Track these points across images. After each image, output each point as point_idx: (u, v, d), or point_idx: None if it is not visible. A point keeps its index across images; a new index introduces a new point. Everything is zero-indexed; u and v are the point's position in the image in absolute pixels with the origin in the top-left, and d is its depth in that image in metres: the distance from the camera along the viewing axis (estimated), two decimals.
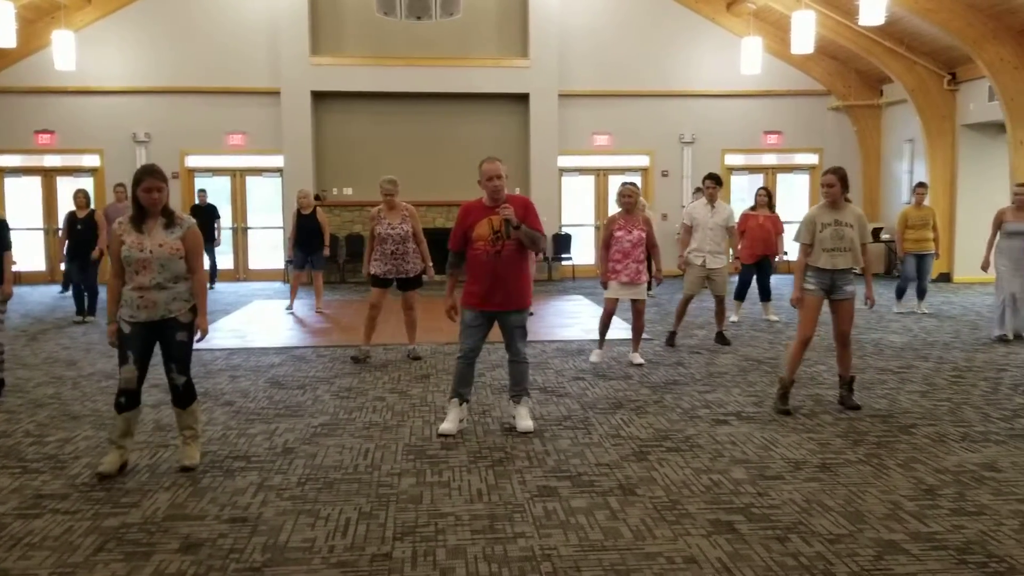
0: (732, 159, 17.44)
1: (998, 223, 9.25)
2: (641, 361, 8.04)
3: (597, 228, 17.24)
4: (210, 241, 14.90)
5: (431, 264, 8.52)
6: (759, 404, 6.47)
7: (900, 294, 11.58)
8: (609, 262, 7.90)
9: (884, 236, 16.33)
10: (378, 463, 5.08)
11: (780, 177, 17.81)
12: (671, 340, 9.08)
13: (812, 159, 17.60)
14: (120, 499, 4.45)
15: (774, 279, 11.28)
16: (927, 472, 4.85)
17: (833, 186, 6.22)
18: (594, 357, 8.12)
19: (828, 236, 6.15)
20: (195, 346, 5.12)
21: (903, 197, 16.26)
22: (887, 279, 15.68)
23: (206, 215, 14.89)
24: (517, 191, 16.70)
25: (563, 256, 16.73)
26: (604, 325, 8.16)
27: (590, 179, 17.42)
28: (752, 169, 17.68)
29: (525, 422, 5.75)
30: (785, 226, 11.08)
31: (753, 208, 10.91)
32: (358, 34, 16.25)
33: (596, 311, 11.58)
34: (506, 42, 16.56)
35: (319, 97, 16.30)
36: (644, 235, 7.88)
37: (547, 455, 5.21)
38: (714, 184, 9.26)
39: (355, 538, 3.95)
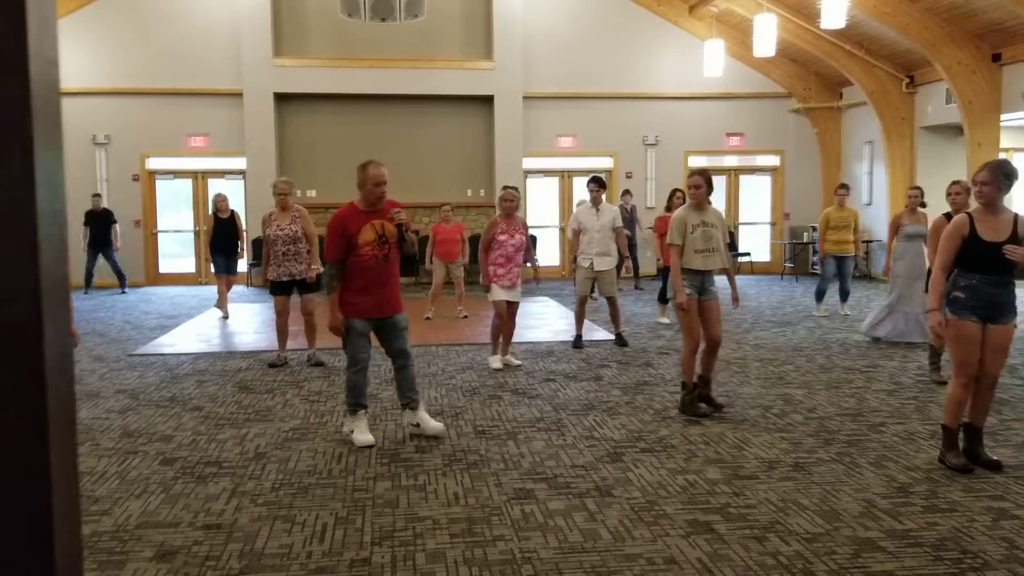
0: (695, 161, 17.56)
1: (895, 227, 9.23)
2: (500, 366, 7.95)
3: (562, 230, 17.27)
4: (107, 246, 14.68)
5: (316, 267, 8.17)
6: (730, 404, 6.51)
7: (820, 296, 11.44)
8: (491, 265, 7.85)
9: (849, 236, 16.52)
10: (352, 467, 5.04)
11: (743, 179, 18.00)
12: (578, 343, 9.07)
13: (774, 161, 17.80)
14: (90, 507, 4.36)
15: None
16: (898, 470, 4.91)
17: (700, 187, 6.23)
18: (496, 363, 7.96)
19: (699, 237, 6.19)
20: (161, 351, 5.02)
21: (863, 198, 16.53)
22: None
23: (101, 220, 14.65)
24: (482, 193, 16.72)
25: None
26: (498, 330, 8.02)
27: (555, 181, 17.45)
28: (715, 171, 17.80)
29: (435, 424, 5.63)
30: None
31: (668, 209, 10.80)
32: (321, 35, 16.13)
33: (563, 312, 11.61)
34: (470, 44, 16.54)
35: (282, 99, 16.14)
36: (524, 239, 7.93)
37: (522, 457, 5.20)
38: (598, 188, 9.33)
39: (333, 543, 3.91)
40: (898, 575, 3.52)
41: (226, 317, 11.66)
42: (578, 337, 9.16)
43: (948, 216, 6.95)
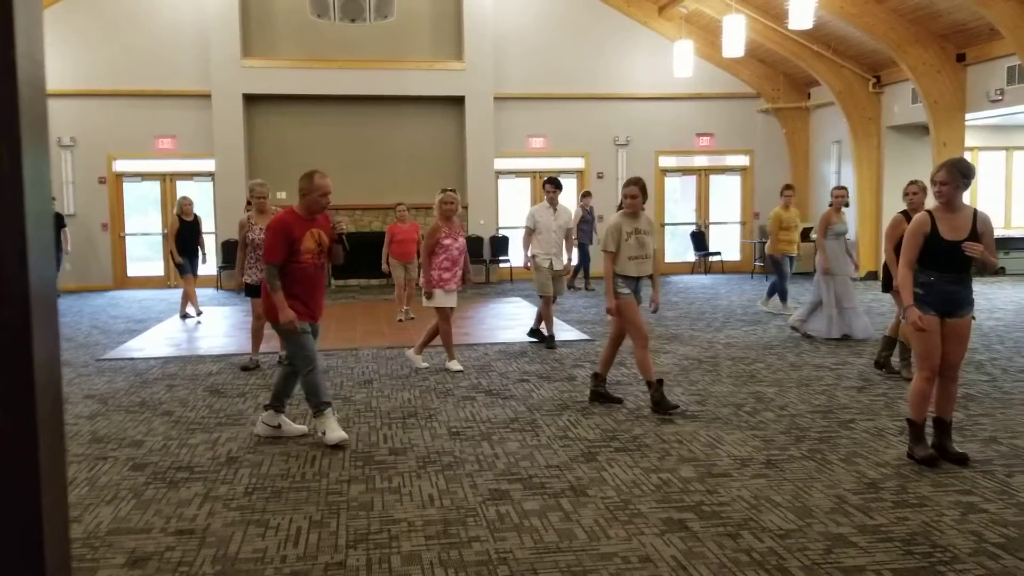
0: (665, 161, 17.68)
1: (825, 227, 9.35)
2: (460, 368, 7.90)
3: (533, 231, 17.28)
4: (57, 249, 14.52)
5: None
6: (702, 403, 6.56)
7: (784, 296, 11.47)
8: (435, 270, 7.81)
9: (813, 236, 16.70)
10: (326, 470, 5.01)
11: (713, 178, 18.12)
12: (551, 343, 9.10)
13: (743, 160, 17.94)
14: None
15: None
16: (868, 466, 4.97)
17: (636, 197, 6.31)
18: (456, 366, 7.89)
19: (633, 244, 6.29)
20: (130, 355, 4.97)
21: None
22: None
23: (54, 224, 14.45)
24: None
25: (501, 259, 16.75)
26: (449, 334, 7.95)
27: (526, 181, 17.47)
28: (685, 171, 17.95)
29: (340, 432, 5.53)
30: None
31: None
32: (291, 36, 16.03)
33: (530, 311, 11.60)
34: (441, 45, 16.51)
35: (251, 100, 16.02)
36: (465, 243, 7.99)
37: (496, 458, 5.20)
38: (554, 188, 9.41)
39: (307, 547, 3.88)
40: (870, 570, 3.56)
41: (199, 314, 11.65)
42: (550, 337, 9.17)
43: (905, 214, 6.96)
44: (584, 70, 17.03)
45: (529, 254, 9.37)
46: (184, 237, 11.49)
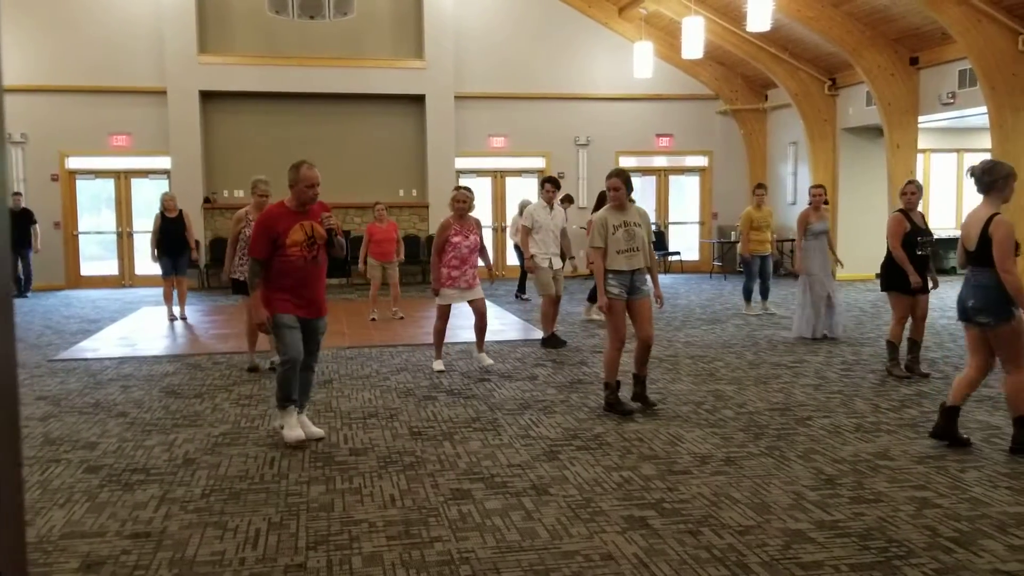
0: (626, 161, 17.76)
1: (804, 226, 9.46)
2: (490, 362, 7.95)
3: (495, 230, 17.30)
4: (26, 247, 14.26)
5: None
6: (662, 401, 6.59)
7: (748, 295, 11.53)
8: (445, 268, 7.77)
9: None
10: (285, 471, 4.96)
11: (672, 179, 18.26)
12: (556, 342, 9.09)
13: (702, 161, 18.10)
14: None
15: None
16: (826, 462, 5.03)
17: (619, 189, 6.27)
18: (439, 365, 7.88)
19: (621, 237, 6.19)
20: (84, 356, 4.87)
21: (787, 198, 16.93)
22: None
23: (22, 220, 14.20)
24: (414, 193, 16.64)
25: None
26: (441, 333, 7.97)
27: (487, 181, 17.45)
28: (645, 171, 18.06)
29: (299, 432, 5.51)
30: None
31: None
32: (248, 33, 15.85)
33: (497, 311, 11.61)
34: (401, 43, 16.44)
35: (208, 97, 15.82)
36: (479, 240, 7.88)
37: (458, 458, 5.19)
38: (553, 187, 9.44)
39: (266, 549, 3.84)
40: (827, 565, 3.61)
41: (174, 319, 11.40)
42: (552, 335, 9.18)
43: (904, 213, 7.30)
44: (545, 70, 17.06)
45: (528, 254, 9.34)
46: (167, 235, 11.28)
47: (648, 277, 6.35)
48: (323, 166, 6.06)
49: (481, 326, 8.01)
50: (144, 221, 16.34)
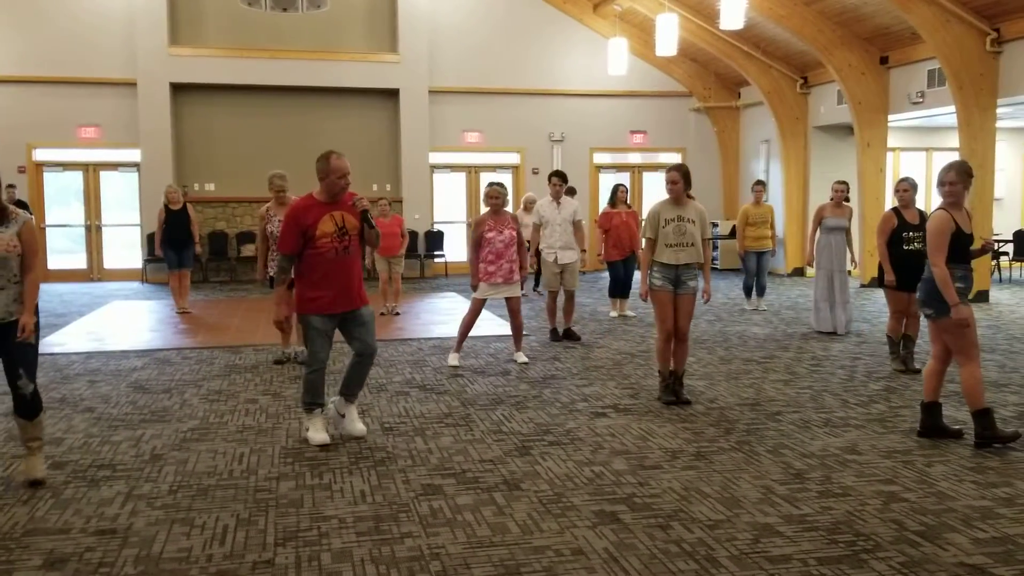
0: (600, 157, 17.81)
1: (818, 219, 9.54)
2: (526, 359, 7.99)
3: (469, 225, 17.26)
4: None
5: None
6: (635, 396, 6.61)
7: (748, 292, 11.69)
8: (481, 263, 7.81)
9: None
10: (254, 467, 4.91)
11: (646, 176, 18.32)
12: (557, 336, 9.18)
13: (676, 158, 18.13)
14: None
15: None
16: (795, 457, 5.07)
17: (676, 183, 6.33)
18: (453, 360, 7.89)
19: (671, 231, 6.28)
20: (49, 350, 4.80)
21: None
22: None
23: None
24: (388, 188, 16.56)
25: (436, 253, 16.69)
26: (468, 326, 8.00)
27: (461, 176, 17.42)
28: (619, 167, 18.11)
29: (360, 425, 5.53)
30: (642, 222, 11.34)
31: (613, 205, 10.94)
32: (220, 25, 15.69)
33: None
34: (375, 37, 16.36)
35: (179, 89, 15.65)
36: (515, 234, 7.87)
37: (430, 453, 5.17)
38: (560, 181, 9.42)
39: (234, 546, 3.80)
40: (796, 559, 3.63)
41: (183, 312, 11.35)
42: (553, 331, 9.24)
43: (896, 211, 7.50)
44: (519, 65, 17.04)
45: (533, 250, 9.34)
46: (172, 227, 11.17)
47: (699, 273, 6.44)
48: (296, 160, 6.04)
49: (515, 325, 8.02)
50: (113, 214, 16.21)
